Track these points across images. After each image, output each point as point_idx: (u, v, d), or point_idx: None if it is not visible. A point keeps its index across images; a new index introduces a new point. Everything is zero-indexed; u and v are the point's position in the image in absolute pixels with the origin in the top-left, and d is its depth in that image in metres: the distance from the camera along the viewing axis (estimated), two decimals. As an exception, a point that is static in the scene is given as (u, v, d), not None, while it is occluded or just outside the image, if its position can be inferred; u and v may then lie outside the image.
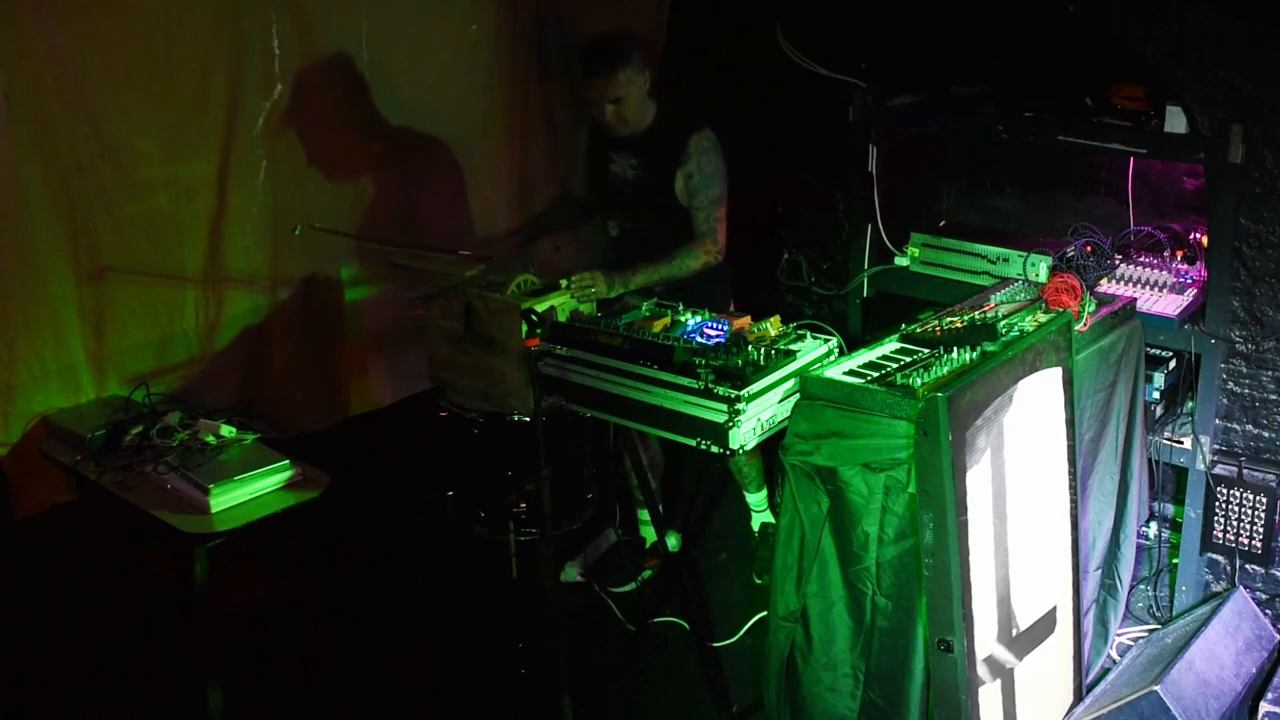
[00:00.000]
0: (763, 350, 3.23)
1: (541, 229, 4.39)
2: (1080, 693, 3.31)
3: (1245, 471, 3.74)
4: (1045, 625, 3.09)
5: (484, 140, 4.68)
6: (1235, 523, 3.75)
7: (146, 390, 3.66)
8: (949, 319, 3.24)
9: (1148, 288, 3.86)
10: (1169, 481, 4.22)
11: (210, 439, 3.43)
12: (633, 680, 3.82)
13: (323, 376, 4.31)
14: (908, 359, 3.04)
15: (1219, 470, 3.78)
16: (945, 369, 2.92)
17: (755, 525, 4.51)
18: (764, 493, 4.47)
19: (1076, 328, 3.20)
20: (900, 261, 4.34)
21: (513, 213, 4.81)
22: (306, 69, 4.01)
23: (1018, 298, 3.49)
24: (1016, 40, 4.23)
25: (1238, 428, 3.85)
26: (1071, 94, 3.97)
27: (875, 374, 2.96)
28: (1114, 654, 3.72)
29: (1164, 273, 3.88)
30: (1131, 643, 3.77)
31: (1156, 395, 3.78)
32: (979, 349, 2.98)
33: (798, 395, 3.01)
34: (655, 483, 4.41)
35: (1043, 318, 3.23)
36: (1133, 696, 3.05)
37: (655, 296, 3.71)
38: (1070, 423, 3.10)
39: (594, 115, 3.89)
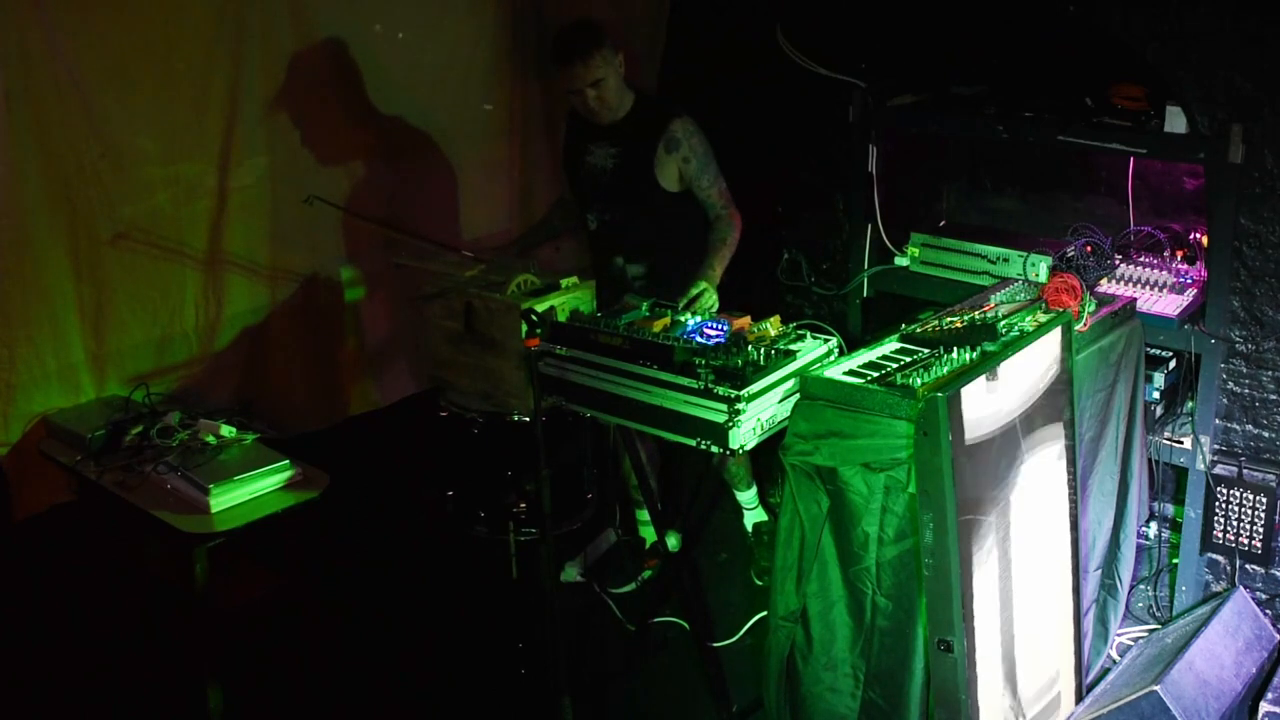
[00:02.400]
0: (763, 350, 3.23)
1: (541, 236, 4.40)
2: (1080, 693, 3.31)
3: (1245, 471, 3.74)
4: (1049, 623, 3.09)
5: (485, 140, 4.69)
6: (1235, 523, 3.75)
7: (146, 390, 3.66)
8: (949, 319, 3.24)
9: (1148, 288, 3.86)
10: (1169, 481, 4.22)
11: (210, 439, 3.43)
12: (633, 680, 3.83)
13: (322, 376, 4.31)
14: (908, 359, 3.04)
15: (1219, 470, 3.78)
16: (945, 369, 2.92)
17: (748, 524, 4.52)
18: (754, 490, 4.47)
19: (1076, 328, 3.20)
20: (900, 261, 4.34)
21: (513, 211, 4.81)
22: (307, 69, 4.01)
23: (1018, 298, 3.49)
24: (1016, 40, 4.23)
25: (1238, 428, 3.85)
26: (1071, 94, 3.97)
27: (875, 374, 2.95)
28: (1114, 654, 3.72)
29: (1164, 273, 3.88)
30: (1131, 643, 3.77)
31: (1156, 395, 3.78)
32: (979, 349, 2.98)
33: (798, 395, 3.01)
34: (653, 479, 4.41)
35: (1043, 318, 3.23)
36: (1133, 696, 3.05)
37: (655, 297, 3.71)
38: (1070, 423, 3.10)
39: (575, 104, 3.89)
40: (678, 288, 3.74)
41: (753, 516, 4.52)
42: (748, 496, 4.48)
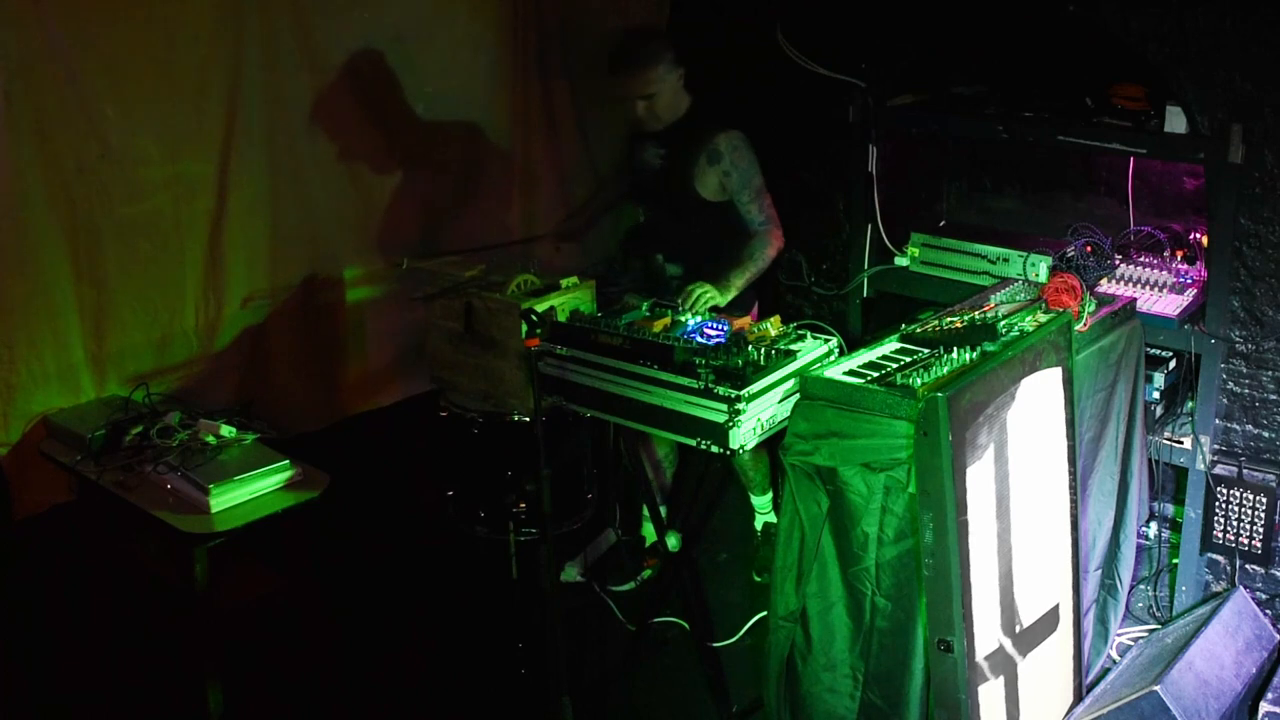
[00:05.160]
0: (763, 350, 3.23)
1: (601, 207, 4.53)
2: (1080, 693, 3.31)
3: (1245, 471, 3.74)
4: (1048, 623, 3.10)
5: (484, 138, 4.68)
6: (1235, 523, 3.75)
7: (146, 390, 3.66)
8: (949, 319, 3.24)
9: (1148, 288, 3.86)
10: (1169, 481, 4.22)
11: (210, 439, 3.43)
12: (633, 680, 3.83)
13: (323, 377, 4.31)
14: (908, 359, 3.04)
15: (1219, 470, 3.78)
16: (945, 369, 2.92)
17: (758, 525, 4.52)
18: (769, 496, 4.47)
19: (1076, 328, 3.20)
20: (900, 261, 4.34)
21: (514, 211, 4.81)
22: (306, 68, 4.01)
23: (1018, 298, 3.49)
24: (1016, 40, 4.23)
25: (1238, 428, 3.85)
26: (1071, 94, 3.97)
27: (875, 374, 2.95)
28: (1114, 654, 3.72)
29: (1164, 273, 3.88)
30: (1131, 643, 3.77)
31: (1156, 395, 3.78)
32: (979, 349, 2.98)
33: (798, 395, 3.01)
34: (668, 482, 4.42)
35: (1043, 318, 3.23)
36: (1133, 696, 3.05)
37: (655, 297, 3.72)
38: (1070, 423, 3.10)
39: (626, 111, 3.94)
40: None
41: (764, 519, 4.52)
42: (762, 501, 4.47)
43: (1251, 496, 3.70)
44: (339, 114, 4.15)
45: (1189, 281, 3.85)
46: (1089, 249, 3.89)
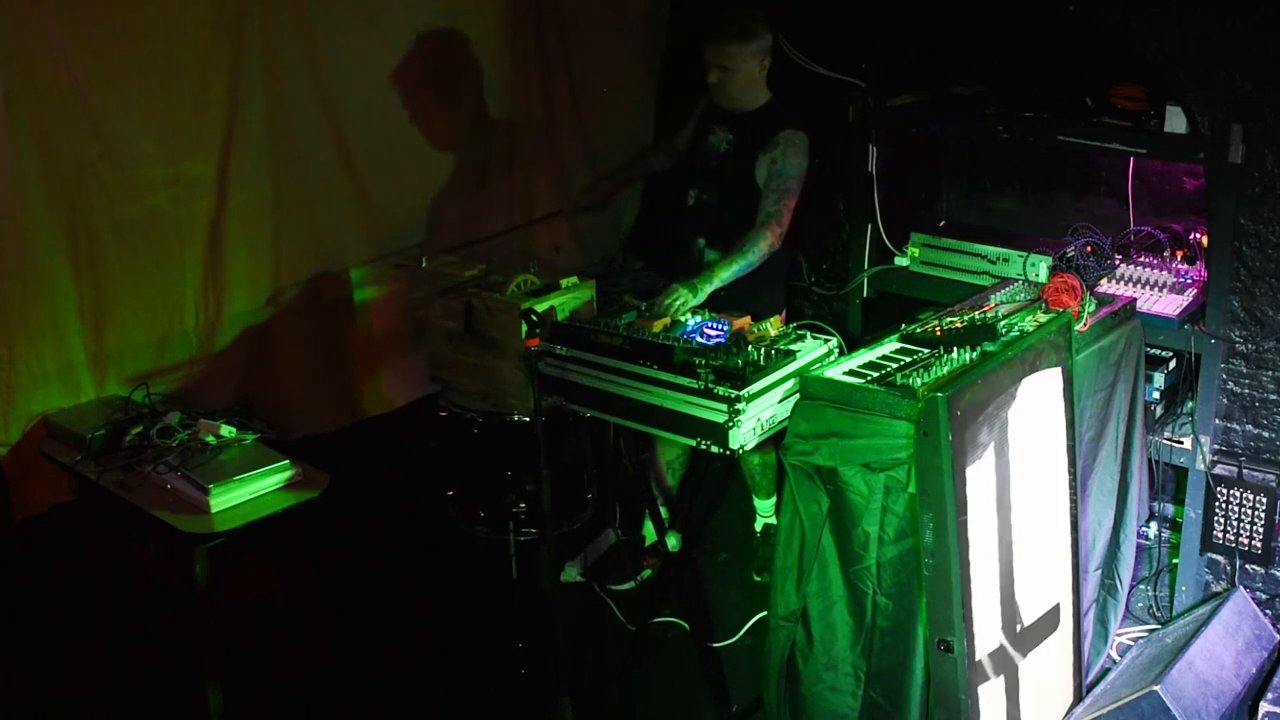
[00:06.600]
0: (763, 350, 3.23)
1: (628, 177, 4.58)
2: (1080, 693, 3.31)
3: (1245, 471, 3.74)
4: (1049, 621, 3.10)
5: (484, 137, 4.68)
6: (1235, 523, 3.75)
7: (146, 390, 3.65)
8: (949, 319, 3.24)
9: (1148, 288, 3.86)
10: (1169, 481, 4.22)
11: (210, 439, 3.43)
12: (633, 680, 3.83)
13: (325, 379, 4.30)
14: (908, 359, 3.04)
15: (1219, 470, 3.78)
16: (945, 369, 2.93)
17: (758, 526, 4.52)
18: (773, 500, 4.47)
19: (1076, 328, 3.20)
20: (900, 261, 4.34)
21: (512, 209, 4.81)
22: (306, 68, 4.01)
23: (1018, 298, 3.49)
24: (1016, 40, 4.23)
25: (1238, 428, 3.85)
26: (1071, 94, 3.97)
27: (875, 374, 2.96)
28: (1114, 654, 3.72)
29: (1164, 273, 3.88)
30: (1131, 643, 3.78)
31: (1156, 395, 3.78)
32: (979, 349, 2.98)
33: (798, 395, 3.01)
34: (672, 485, 4.41)
35: (1043, 318, 3.24)
36: (1133, 696, 3.06)
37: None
38: (1070, 423, 3.10)
39: (706, 77, 4.00)
40: (746, 291, 3.76)
41: (765, 521, 4.51)
42: (765, 505, 4.47)
43: (1251, 496, 3.70)
44: (340, 112, 4.15)
45: (1189, 281, 3.85)
46: (1089, 249, 3.90)
